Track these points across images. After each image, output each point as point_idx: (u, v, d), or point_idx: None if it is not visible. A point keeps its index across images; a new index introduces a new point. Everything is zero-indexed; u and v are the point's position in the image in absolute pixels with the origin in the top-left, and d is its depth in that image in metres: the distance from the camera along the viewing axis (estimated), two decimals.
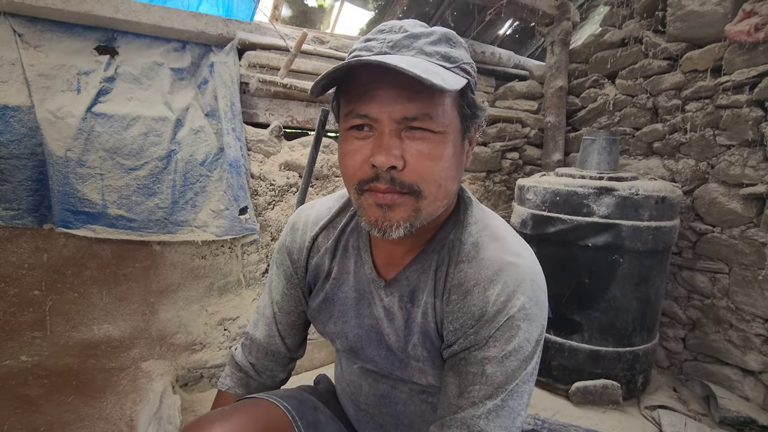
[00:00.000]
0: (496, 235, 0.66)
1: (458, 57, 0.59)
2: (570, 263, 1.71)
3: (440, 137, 0.57)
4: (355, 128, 0.58)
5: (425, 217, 0.60)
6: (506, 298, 0.59)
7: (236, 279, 1.78)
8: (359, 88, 0.57)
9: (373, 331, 0.73)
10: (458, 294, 0.63)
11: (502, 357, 0.59)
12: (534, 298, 0.60)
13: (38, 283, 1.44)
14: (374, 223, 0.59)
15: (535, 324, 0.60)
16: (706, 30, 1.79)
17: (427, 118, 0.55)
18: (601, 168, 1.82)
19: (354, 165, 0.59)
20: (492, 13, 2.26)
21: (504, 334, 0.59)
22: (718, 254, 1.81)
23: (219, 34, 1.74)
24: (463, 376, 0.61)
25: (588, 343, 1.72)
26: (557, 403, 1.77)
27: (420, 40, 0.57)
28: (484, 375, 0.59)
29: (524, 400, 0.60)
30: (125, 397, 1.62)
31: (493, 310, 0.59)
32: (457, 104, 0.60)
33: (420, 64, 0.53)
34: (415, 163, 0.56)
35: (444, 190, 0.60)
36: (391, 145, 0.55)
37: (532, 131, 2.51)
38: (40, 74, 1.43)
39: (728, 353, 1.79)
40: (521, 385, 0.59)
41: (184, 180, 1.60)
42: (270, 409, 0.75)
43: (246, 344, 0.87)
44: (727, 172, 1.75)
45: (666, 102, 1.98)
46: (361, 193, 0.59)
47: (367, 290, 0.73)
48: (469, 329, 0.61)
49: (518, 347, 0.59)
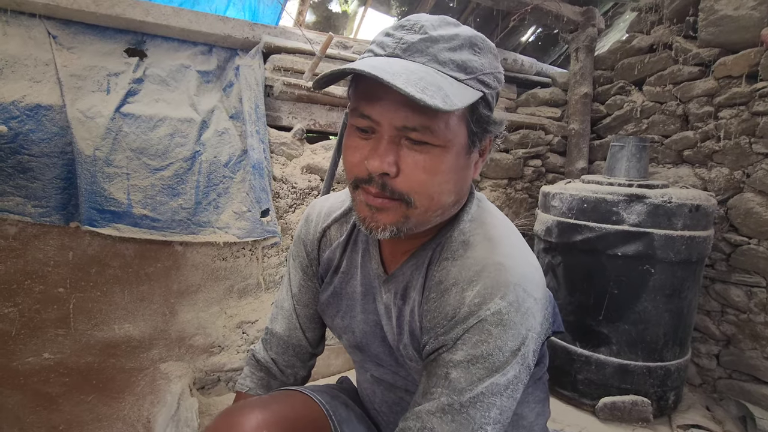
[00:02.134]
0: (490, 235, 0.63)
1: (477, 67, 0.56)
2: (597, 273, 1.66)
3: (440, 150, 0.55)
4: (357, 125, 0.58)
5: (415, 224, 0.59)
6: (481, 300, 0.56)
7: (256, 282, 1.77)
8: (367, 87, 0.55)
9: (377, 327, 0.72)
10: (437, 292, 0.61)
11: (468, 362, 0.55)
12: (516, 304, 0.55)
13: (63, 281, 1.45)
14: (363, 221, 0.59)
15: (511, 333, 0.55)
16: (741, 35, 1.74)
17: (427, 130, 0.53)
18: (630, 175, 1.77)
19: (353, 161, 0.58)
20: (516, 20, 2.25)
21: (473, 337, 0.55)
22: (755, 267, 1.73)
23: (245, 38, 1.75)
24: (430, 378, 0.58)
25: (616, 357, 1.65)
26: (583, 419, 1.70)
27: (437, 44, 0.54)
28: (448, 379, 0.56)
29: (491, 414, 0.55)
30: (143, 399, 1.61)
31: (465, 311, 0.56)
32: (465, 119, 0.56)
33: (425, 77, 0.51)
34: (410, 173, 0.55)
35: (437, 202, 0.58)
36: (387, 151, 0.54)
37: (555, 138, 2.47)
38: (72, 75, 1.46)
39: (766, 371, 1.70)
40: (489, 397, 0.55)
41: (207, 181, 1.61)
42: (306, 402, 0.74)
43: (266, 339, 0.86)
44: (764, 181, 1.68)
45: (697, 109, 1.92)
46: (355, 188, 0.60)
47: (372, 285, 0.72)
48: (441, 329, 0.59)
49: (487, 354, 0.54)
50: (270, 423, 0.62)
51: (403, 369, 0.71)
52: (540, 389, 0.80)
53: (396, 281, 0.68)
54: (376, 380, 0.79)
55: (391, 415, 0.79)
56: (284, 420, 0.65)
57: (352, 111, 0.58)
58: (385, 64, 0.51)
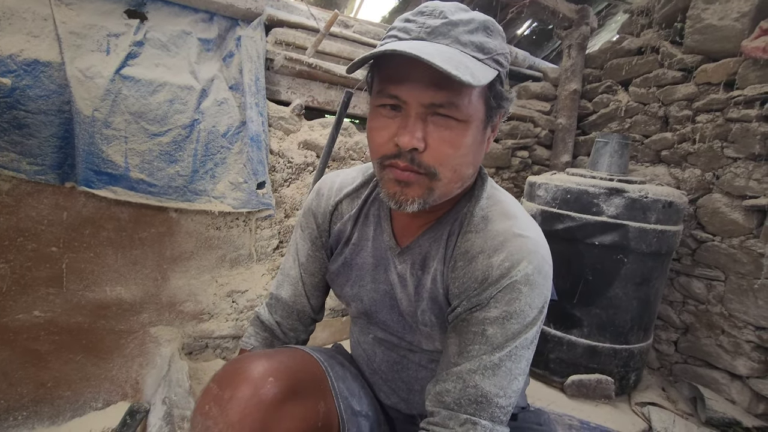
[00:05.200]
0: (506, 211, 0.69)
1: (493, 47, 0.61)
2: (575, 260, 1.76)
3: (463, 125, 0.60)
4: (384, 106, 0.62)
5: (438, 196, 0.63)
6: (510, 264, 0.62)
7: (248, 252, 1.80)
8: (393, 69, 0.60)
9: (387, 296, 0.77)
10: (464, 261, 0.67)
11: (503, 318, 0.61)
12: (539, 268, 0.63)
13: (56, 240, 1.44)
14: (392, 196, 0.63)
15: (537, 291, 0.62)
16: (723, 44, 1.84)
17: (452, 106, 0.58)
18: (612, 170, 1.87)
19: (380, 141, 0.62)
20: (514, 12, 2.30)
21: (506, 296, 0.62)
22: (716, 262, 1.88)
23: (247, 9, 1.74)
24: (464, 336, 0.64)
25: (586, 338, 1.78)
26: (552, 395, 1.83)
27: (458, 28, 0.59)
28: (484, 335, 0.62)
29: (522, 366, 0.62)
30: (132, 360, 1.64)
31: (496, 274, 0.62)
32: (484, 95, 0.62)
33: (453, 56, 0.55)
34: (436, 148, 0.59)
35: (459, 174, 0.63)
36: (416, 128, 0.58)
37: (543, 131, 2.56)
38: (72, 32, 1.43)
39: (718, 357, 1.86)
40: (520, 350, 0.62)
41: (205, 150, 1.62)
42: (306, 357, 0.79)
43: (272, 304, 0.90)
44: (731, 183, 1.81)
45: (677, 112, 2.03)
46: (383, 167, 0.63)
47: (384, 257, 0.77)
48: (473, 291, 0.64)
49: (519, 310, 0.61)
50: (275, 370, 0.67)
51: (410, 334, 0.77)
52: None
53: (412, 253, 0.73)
54: (379, 341, 0.84)
55: (389, 373, 0.84)
56: (287, 369, 0.69)
57: (378, 93, 0.62)
58: (418, 45, 0.56)
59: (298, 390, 0.68)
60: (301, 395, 0.69)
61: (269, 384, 0.64)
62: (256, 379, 0.64)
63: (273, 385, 0.64)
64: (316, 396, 0.72)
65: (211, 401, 0.62)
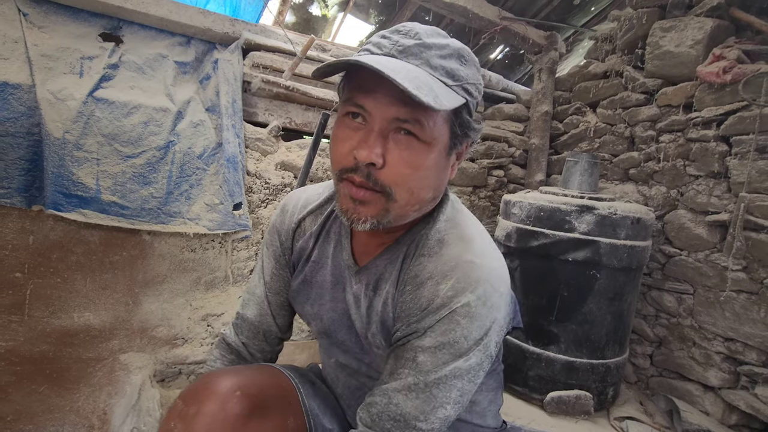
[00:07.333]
0: (463, 235, 0.68)
1: (464, 76, 0.61)
2: (551, 276, 1.80)
3: (425, 147, 0.60)
4: (349, 115, 0.61)
5: (394, 218, 0.62)
6: (454, 293, 0.61)
7: (224, 275, 1.77)
8: (363, 81, 0.59)
9: (344, 315, 0.75)
10: (413, 285, 0.65)
11: (435, 348, 0.60)
12: (483, 298, 0.61)
13: (21, 266, 1.40)
14: (345, 212, 0.63)
15: (477, 323, 0.61)
16: (680, 69, 1.96)
17: (417, 123, 0.58)
18: (583, 188, 1.93)
19: (341, 152, 0.61)
20: (486, 38, 2.39)
21: (442, 326, 0.61)
22: (685, 276, 1.94)
23: (225, 33, 1.77)
24: (397, 360, 0.63)
25: (564, 354, 1.79)
26: (532, 413, 1.83)
27: (430, 51, 0.59)
28: (415, 361, 0.61)
29: (453, 395, 0.61)
30: (100, 390, 1.57)
31: (438, 303, 0.61)
32: (449, 121, 0.62)
33: (419, 77, 0.55)
34: (394, 166, 0.59)
35: (416, 197, 0.62)
36: (376, 143, 0.58)
37: (517, 151, 2.63)
38: (43, 55, 1.43)
39: (691, 369, 1.90)
40: (451, 379, 0.60)
41: (180, 171, 1.60)
42: (276, 374, 0.78)
43: (237, 324, 0.88)
44: (694, 200, 1.89)
45: (642, 132, 2.12)
46: (340, 180, 0.62)
47: (342, 275, 0.76)
48: (413, 318, 0.63)
49: (453, 341, 0.60)
50: (242, 385, 0.65)
51: (368, 356, 0.75)
52: (494, 379, 0.86)
53: (368, 273, 0.72)
54: (341, 366, 0.83)
55: (352, 399, 0.83)
56: (255, 385, 0.68)
57: (345, 101, 0.62)
58: (385, 61, 0.56)
59: (267, 405, 0.67)
60: (270, 411, 0.67)
61: (236, 399, 0.62)
62: (222, 395, 0.62)
63: (240, 400, 0.63)
64: (285, 412, 0.71)
65: (176, 418, 0.61)
